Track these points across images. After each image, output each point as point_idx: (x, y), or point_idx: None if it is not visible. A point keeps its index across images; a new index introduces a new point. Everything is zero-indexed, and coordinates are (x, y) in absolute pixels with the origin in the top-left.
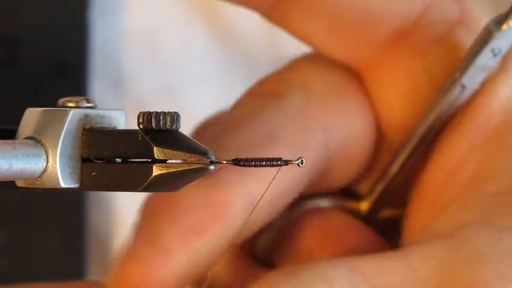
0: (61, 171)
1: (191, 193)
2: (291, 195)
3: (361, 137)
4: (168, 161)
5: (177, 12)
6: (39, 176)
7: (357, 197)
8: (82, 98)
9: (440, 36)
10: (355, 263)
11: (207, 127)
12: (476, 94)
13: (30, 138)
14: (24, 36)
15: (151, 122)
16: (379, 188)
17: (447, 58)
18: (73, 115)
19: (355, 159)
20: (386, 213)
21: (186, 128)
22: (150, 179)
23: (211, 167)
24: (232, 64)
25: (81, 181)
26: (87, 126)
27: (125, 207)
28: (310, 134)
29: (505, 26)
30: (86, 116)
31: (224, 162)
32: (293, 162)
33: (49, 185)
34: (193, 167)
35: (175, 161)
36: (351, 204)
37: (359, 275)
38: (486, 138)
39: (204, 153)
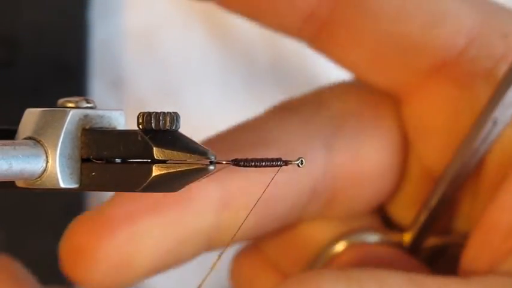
0: (61, 172)
1: None
2: (285, 203)
3: (376, 158)
4: (167, 162)
5: (177, 12)
6: (39, 177)
7: (398, 226)
8: (82, 98)
9: (485, 71)
10: (415, 276)
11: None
12: None
13: (30, 138)
14: (24, 37)
15: (151, 122)
16: (422, 218)
17: (490, 93)
18: (73, 115)
19: (370, 180)
20: (430, 242)
21: (186, 128)
22: (149, 179)
23: (211, 167)
24: (231, 64)
25: (81, 181)
26: (87, 127)
27: None
28: (308, 146)
29: None
30: (86, 116)
31: (224, 162)
32: (293, 162)
33: (49, 186)
34: (193, 167)
35: (175, 161)
36: (395, 237)
37: (418, 286)
38: None
39: (203, 154)
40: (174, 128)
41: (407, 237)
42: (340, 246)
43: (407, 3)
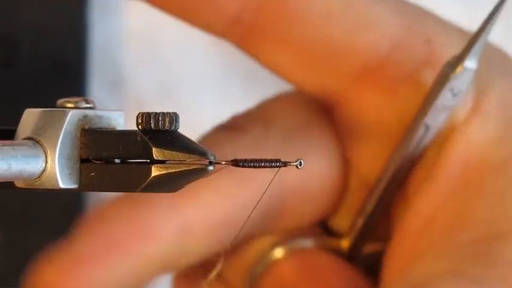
0: (60, 172)
1: (123, 210)
2: (235, 223)
3: (323, 173)
4: (167, 162)
5: None
6: (38, 177)
7: (337, 234)
8: (81, 98)
9: (408, 76)
10: None
11: None
12: (450, 138)
13: (29, 138)
14: (23, 37)
15: (150, 123)
16: (358, 224)
17: (414, 97)
18: (72, 116)
19: (318, 195)
20: (369, 248)
21: (185, 128)
22: (149, 179)
23: (210, 168)
24: (231, 64)
25: (80, 182)
26: (86, 127)
27: None
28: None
29: (459, 69)
30: (85, 116)
31: (223, 163)
32: (292, 164)
33: (48, 186)
34: (193, 167)
35: (174, 161)
36: (333, 243)
37: None
38: (462, 185)
39: (203, 154)
40: (173, 128)
41: (345, 244)
42: (279, 253)
43: (332, 8)
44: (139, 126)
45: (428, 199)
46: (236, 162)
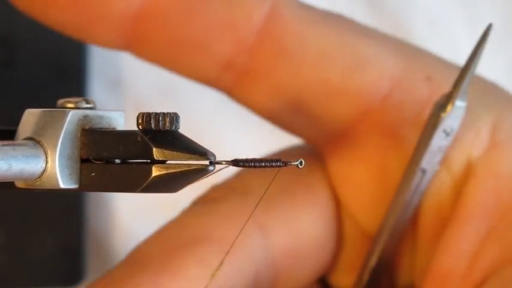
0: (60, 172)
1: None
2: None
3: (313, 231)
4: (167, 162)
5: None
6: (39, 177)
7: None
8: (81, 98)
9: (411, 116)
10: None
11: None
12: (475, 175)
13: (30, 139)
14: (23, 37)
15: (151, 123)
16: (364, 279)
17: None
18: (72, 116)
19: (311, 254)
20: None
21: (186, 128)
22: (149, 179)
23: (211, 168)
24: None
25: (81, 182)
26: (87, 127)
27: (124, 208)
28: (245, 235)
29: (449, 108)
30: (85, 116)
31: (223, 162)
32: (292, 163)
33: (48, 186)
34: (193, 167)
35: (175, 161)
36: None
37: None
38: (499, 218)
39: (203, 154)
40: (173, 128)
41: None
42: None
43: (327, 48)
44: (140, 127)
45: (468, 238)
46: (236, 162)
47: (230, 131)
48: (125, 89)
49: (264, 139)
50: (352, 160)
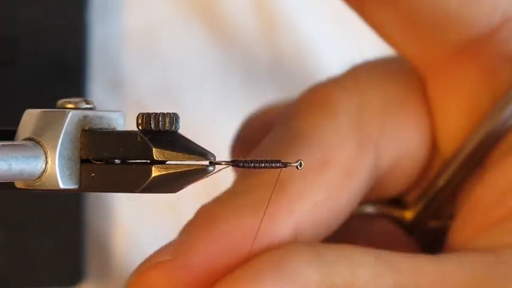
0: (60, 173)
1: (235, 216)
2: (337, 214)
3: (414, 153)
4: (167, 162)
5: (176, 12)
6: (38, 177)
7: (403, 205)
8: (81, 99)
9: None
10: (385, 255)
11: (259, 138)
12: None
13: (29, 139)
14: (23, 37)
15: (150, 123)
16: (426, 198)
17: None
18: (72, 116)
19: (407, 174)
20: (431, 224)
21: (185, 129)
22: (149, 180)
23: (210, 168)
24: (231, 65)
25: (80, 182)
26: (86, 128)
27: (124, 209)
28: (362, 155)
29: None
30: (85, 117)
31: (223, 163)
32: (292, 164)
33: (48, 186)
34: (193, 168)
35: (175, 162)
36: (396, 213)
37: (386, 266)
38: None
39: (203, 154)
40: (173, 128)
41: (409, 215)
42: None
43: None
44: (140, 127)
45: (504, 173)
46: (236, 163)
47: (230, 131)
48: (125, 89)
49: None
50: (447, 88)
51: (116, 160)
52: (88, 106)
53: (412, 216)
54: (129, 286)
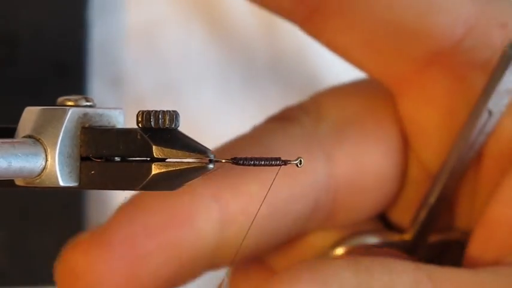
0: (60, 170)
1: (161, 198)
2: (288, 216)
3: (378, 166)
4: (167, 160)
5: (176, 11)
6: (38, 175)
7: (398, 227)
8: (81, 96)
9: (482, 62)
10: (423, 265)
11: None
12: None
13: (29, 137)
14: (23, 35)
15: (150, 121)
16: (421, 216)
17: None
18: (72, 114)
19: (373, 188)
20: (431, 239)
21: (185, 126)
22: (149, 177)
23: (210, 166)
24: (231, 63)
25: (80, 180)
26: (86, 125)
27: None
28: (311, 160)
29: None
30: (85, 114)
31: (223, 161)
32: (292, 162)
33: (48, 184)
34: (193, 165)
35: (174, 159)
36: (395, 237)
37: (425, 275)
38: None
39: (203, 152)
40: (173, 126)
41: (407, 237)
42: (340, 251)
43: None
44: (140, 125)
45: None
46: (236, 161)
47: (230, 128)
48: (125, 87)
49: None
50: (420, 101)
51: (116, 158)
52: (88, 104)
53: (410, 237)
54: (55, 269)
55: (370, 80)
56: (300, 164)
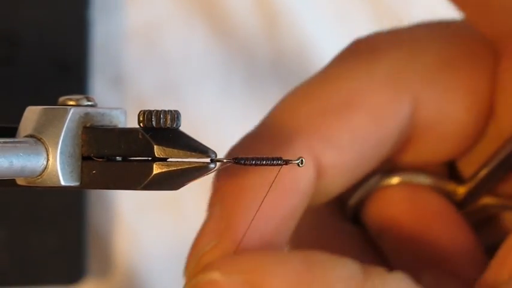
0: (61, 170)
1: (262, 148)
2: (367, 161)
3: (459, 117)
4: (168, 160)
5: (177, 9)
6: (40, 175)
7: (458, 179)
8: (82, 96)
9: None
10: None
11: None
12: None
13: (31, 136)
14: (25, 35)
15: (152, 121)
16: (482, 173)
17: None
18: (73, 113)
19: (449, 137)
20: (483, 201)
21: (187, 126)
22: (150, 177)
23: (212, 166)
24: (232, 62)
25: (82, 179)
26: (88, 125)
27: (125, 206)
28: (396, 104)
29: None
30: (87, 114)
31: (224, 160)
32: (293, 161)
33: (49, 184)
34: (194, 165)
35: (176, 159)
36: (450, 186)
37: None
38: None
39: (204, 152)
40: (174, 126)
41: (462, 190)
42: (394, 180)
43: None
44: (141, 124)
45: None
46: (238, 160)
47: (232, 128)
48: (126, 86)
49: None
50: None
51: (117, 157)
52: (89, 103)
53: (465, 191)
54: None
55: (472, 29)
56: (301, 163)
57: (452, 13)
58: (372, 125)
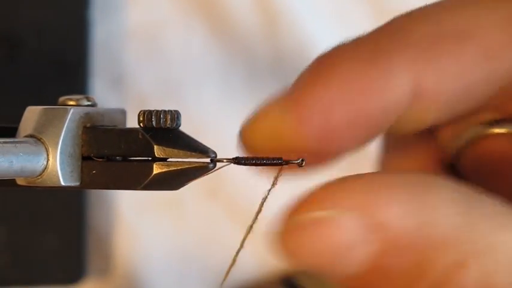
0: (61, 170)
1: (356, 61)
2: (470, 96)
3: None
4: (168, 160)
5: (177, 9)
6: (40, 175)
7: None
8: (82, 96)
9: None
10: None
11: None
12: None
13: (31, 136)
14: (25, 35)
15: (152, 121)
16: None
17: None
18: (73, 113)
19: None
20: None
21: (187, 126)
22: (150, 177)
23: (212, 166)
24: (232, 62)
25: (82, 179)
26: (88, 125)
27: (125, 206)
28: (509, 49)
29: None
30: (87, 114)
31: (225, 160)
32: (293, 162)
33: (49, 184)
34: (194, 165)
35: (176, 159)
36: None
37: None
38: None
39: (204, 152)
40: (174, 126)
41: None
42: (501, 129)
43: None
44: (141, 124)
45: None
46: (238, 160)
47: (232, 128)
48: (127, 86)
49: None
50: None
51: (117, 157)
52: (89, 103)
53: None
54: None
55: None
56: (302, 164)
57: None
58: (483, 62)
